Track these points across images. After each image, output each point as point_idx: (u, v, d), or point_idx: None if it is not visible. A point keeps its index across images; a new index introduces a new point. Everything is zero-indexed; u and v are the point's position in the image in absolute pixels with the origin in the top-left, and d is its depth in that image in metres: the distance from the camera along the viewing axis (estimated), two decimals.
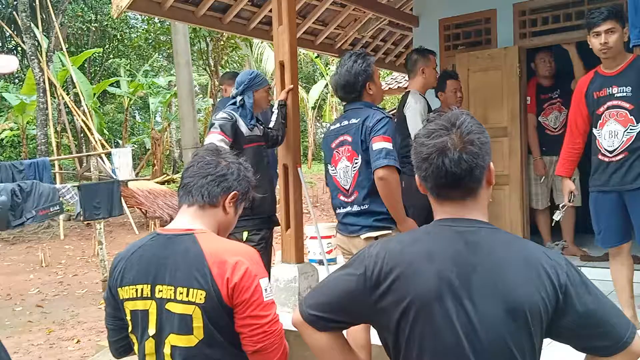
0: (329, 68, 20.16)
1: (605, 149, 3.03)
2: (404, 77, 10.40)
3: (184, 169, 1.60)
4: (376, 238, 2.52)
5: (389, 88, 11.35)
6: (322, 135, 2.92)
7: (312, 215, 4.70)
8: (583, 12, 4.55)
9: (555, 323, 1.19)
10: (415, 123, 3.65)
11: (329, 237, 5.26)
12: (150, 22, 15.54)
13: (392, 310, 1.20)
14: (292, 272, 3.84)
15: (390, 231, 2.57)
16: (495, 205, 4.74)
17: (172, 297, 1.42)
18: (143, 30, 17.34)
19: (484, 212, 1.27)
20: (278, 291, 3.85)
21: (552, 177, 4.90)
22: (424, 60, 3.85)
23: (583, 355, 1.27)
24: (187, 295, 1.40)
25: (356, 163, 2.64)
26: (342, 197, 2.73)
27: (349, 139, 2.67)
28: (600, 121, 3.06)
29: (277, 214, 3.57)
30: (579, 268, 4.09)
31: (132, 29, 19.29)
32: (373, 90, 2.76)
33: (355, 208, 2.66)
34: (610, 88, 3.00)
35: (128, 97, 17.18)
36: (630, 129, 2.93)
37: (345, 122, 2.73)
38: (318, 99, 21.23)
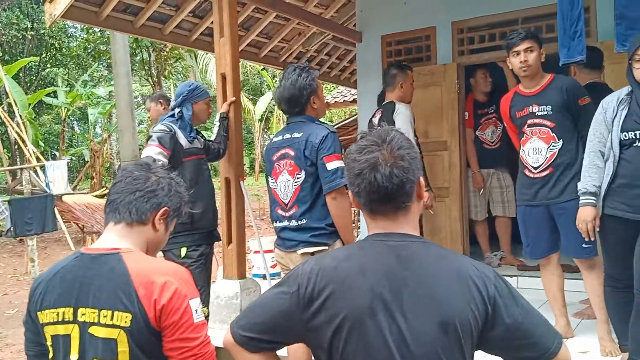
0: (276, 80, 20.15)
1: (531, 165, 3.14)
2: (350, 91, 10.52)
3: (112, 184, 1.52)
4: (313, 254, 2.50)
5: (335, 102, 11.44)
6: None
7: (254, 229, 4.64)
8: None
9: (485, 335, 1.21)
10: (407, 130, 3.74)
11: (273, 251, 5.21)
12: (89, 31, 15.05)
13: (325, 328, 1.19)
14: (234, 288, 3.77)
15: (326, 247, 2.56)
16: (436, 216, 4.83)
17: (96, 321, 1.35)
18: (82, 39, 16.76)
19: (415, 226, 1.29)
20: (219, 308, 3.76)
21: (489, 190, 5.06)
22: (402, 75, 3.97)
23: None
24: (112, 319, 1.33)
25: (298, 178, 2.62)
26: (280, 211, 2.70)
27: (292, 153, 2.65)
28: (522, 138, 3.18)
29: (218, 229, 3.49)
30: (517, 277, 4.18)
31: (70, 38, 18.62)
32: (317, 105, 2.76)
33: (293, 223, 2.64)
34: (531, 107, 3.11)
35: (66, 107, 16.53)
36: (553, 146, 3.06)
37: (288, 136, 2.71)
38: (265, 111, 21.13)
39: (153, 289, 1.33)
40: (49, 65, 18.39)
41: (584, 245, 2.94)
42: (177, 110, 3.27)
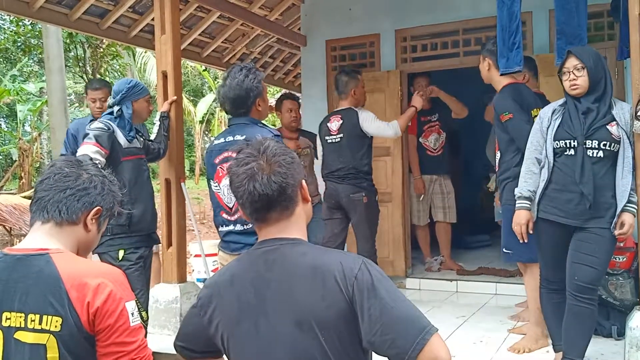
0: (218, 82, 19.80)
1: None
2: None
3: (38, 181, 1.42)
4: None
5: None
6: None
7: (196, 232, 4.52)
8: (458, 41, 4.90)
9: (354, 331, 1.17)
10: (381, 126, 3.89)
11: (215, 254, 5.09)
12: (19, 23, 14.25)
13: (217, 337, 1.30)
14: (174, 293, 3.67)
15: None
16: (379, 221, 4.88)
17: (22, 325, 1.25)
18: (11, 31, 15.84)
19: (302, 228, 1.33)
20: (158, 312, 3.65)
21: (431, 195, 5.17)
22: (354, 81, 4.04)
23: None
24: (40, 323, 1.24)
25: None
26: (225, 215, 2.64)
27: (234, 155, 2.59)
28: None
29: (158, 231, 3.38)
30: (457, 282, 4.23)
31: None
32: (262, 107, 2.71)
33: (239, 227, 2.58)
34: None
35: None
36: (498, 156, 3.25)
37: (230, 138, 2.64)
38: (206, 113, 20.71)
39: (86, 292, 1.25)
40: None
41: (504, 250, 3.14)
42: (116, 108, 3.13)
